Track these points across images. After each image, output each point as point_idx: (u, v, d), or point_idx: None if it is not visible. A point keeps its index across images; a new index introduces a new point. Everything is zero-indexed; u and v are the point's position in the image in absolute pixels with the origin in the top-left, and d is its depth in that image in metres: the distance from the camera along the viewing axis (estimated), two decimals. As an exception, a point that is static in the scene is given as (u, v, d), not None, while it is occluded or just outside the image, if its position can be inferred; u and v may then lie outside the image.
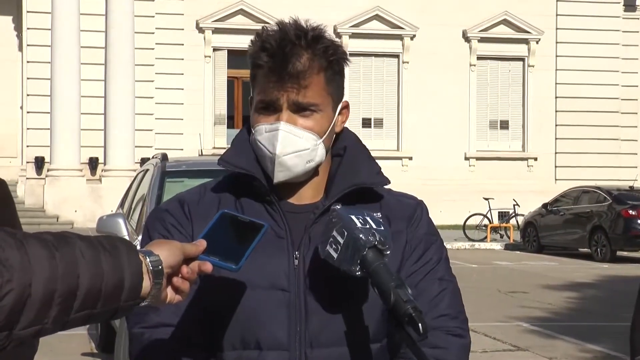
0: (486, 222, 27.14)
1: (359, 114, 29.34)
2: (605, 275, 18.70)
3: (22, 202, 26.52)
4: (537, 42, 31.37)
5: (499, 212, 28.10)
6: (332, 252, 1.86)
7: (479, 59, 31.06)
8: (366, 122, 30.05)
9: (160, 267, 1.64)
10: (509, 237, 26.45)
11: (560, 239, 23.65)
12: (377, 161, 2.15)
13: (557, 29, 31.39)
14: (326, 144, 2.06)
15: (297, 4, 28.22)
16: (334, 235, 1.86)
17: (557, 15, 31.42)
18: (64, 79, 26.77)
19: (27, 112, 27.62)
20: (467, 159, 30.92)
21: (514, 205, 27.33)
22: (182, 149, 27.35)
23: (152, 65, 28.17)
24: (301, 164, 2.02)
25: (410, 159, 30.34)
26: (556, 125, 31.51)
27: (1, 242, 1.46)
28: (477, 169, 30.88)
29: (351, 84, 28.19)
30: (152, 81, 28.21)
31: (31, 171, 27.46)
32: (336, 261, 1.86)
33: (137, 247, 1.66)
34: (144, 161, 19.95)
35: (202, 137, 26.66)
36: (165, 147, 24.69)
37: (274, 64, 1.98)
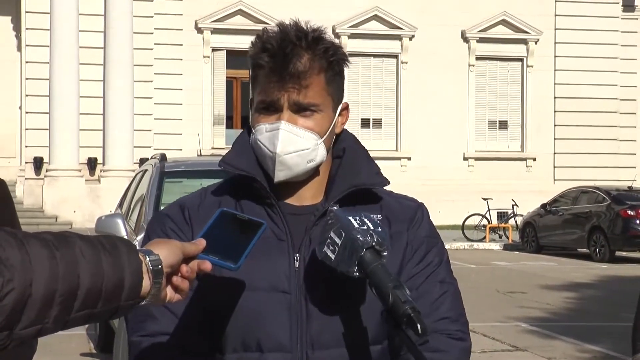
0: (485, 222, 27.14)
1: (357, 114, 29.33)
2: (604, 275, 18.70)
3: (21, 202, 26.51)
4: (535, 43, 31.37)
5: (498, 213, 28.10)
6: (329, 254, 1.85)
7: (478, 59, 31.06)
8: (365, 123, 30.04)
9: (159, 266, 1.64)
10: (508, 238, 26.44)
11: (559, 239, 23.64)
12: (376, 162, 2.15)
13: (555, 29, 31.39)
14: (327, 144, 2.06)
15: (296, 5, 28.22)
16: (331, 236, 1.85)
17: (555, 15, 31.43)
18: (62, 79, 26.76)
19: (26, 113, 27.61)
20: (466, 159, 30.91)
21: (513, 205, 27.31)
22: (180, 149, 27.34)
23: (151, 65, 28.16)
24: (302, 163, 2.03)
25: (409, 159, 30.33)
26: (555, 125, 31.51)
27: (2, 242, 1.46)
28: (476, 169, 30.87)
29: (350, 84, 28.16)
30: (151, 81, 28.20)
31: (30, 171, 27.44)
32: (333, 262, 1.85)
33: (137, 247, 1.67)
34: (142, 161, 19.92)
35: (201, 137, 26.66)
36: (164, 147, 24.69)
37: (275, 65, 1.99)
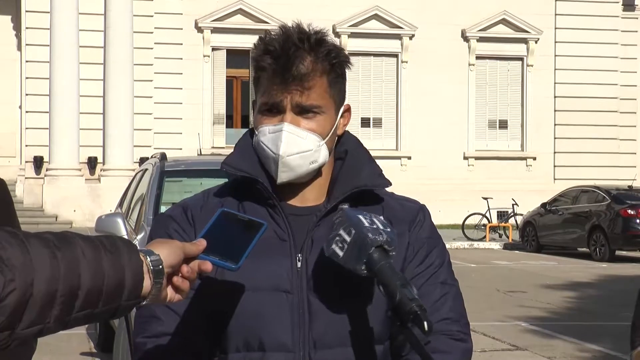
0: (485, 221, 27.14)
1: (357, 114, 29.32)
2: (604, 274, 18.70)
3: (21, 201, 26.50)
4: (536, 42, 31.36)
5: (498, 212, 28.10)
6: (337, 251, 1.87)
7: (478, 58, 31.05)
8: (365, 122, 30.03)
9: (160, 266, 1.65)
10: (508, 237, 26.44)
11: (559, 238, 23.64)
12: (376, 162, 2.16)
13: (556, 28, 31.39)
14: (329, 145, 2.08)
15: (296, 4, 28.23)
16: (341, 233, 1.86)
17: (556, 14, 31.42)
18: (62, 78, 26.76)
19: (26, 112, 27.60)
20: (466, 158, 30.91)
21: (513, 204, 27.32)
22: (180, 149, 27.34)
23: (151, 64, 28.15)
24: (305, 164, 2.04)
25: (409, 158, 30.33)
26: (555, 124, 31.51)
27: (3, 242, 1.47)
28: (476, 168, 30.87)
29: (350, 84, 27.86)
30: (151, 81, 28.20)
31: (30, 171, 27.44)
32: (341, 259, 1.86)
33: (138, 247, 1.67)
34: (142, 161, 19.94)
35: (201, 136, 26.66)
36: (164, 146, 24.69)
37: (278, 67, 2.00)
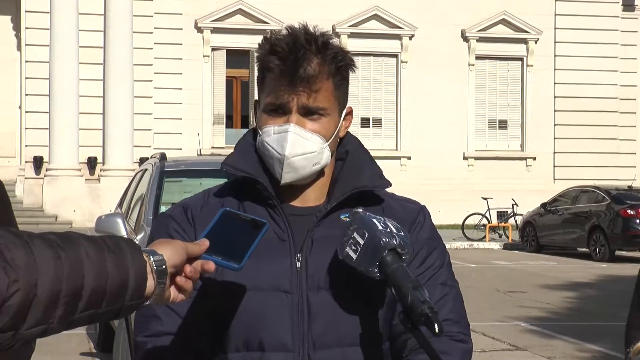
0: (485, 221, 27.14)
1: (357, 114, 29.29)
2: (603, 274, 18.70)
3: (21, 201, 26.50)
4: (535, 42, 31.36)
5: (498, 212, 28.10)
6: (351, 253, 1.88)
7: (478, 58, 31.05)
8: (365, 122, 30.04)
9: (163, 266, 1.65)
10: (508, 237, 26.45)
11: (558, 238, 23.64)
12: (376, 162, 2.17)
13: (555, 28, 31.39)
14: (331, 147, 2.09)
15: (296, 4, 28.23)
16: (354, 237, 1.88)
17: (555, 15, 31.42)
18: (62, 78, 26.76)
19: (26, 112, 27.60)
20: (465, 158, 30.90)
21: (513, 204, 27.32)
22: (180, 149, 27.34)
23: (151, 65, 28.15)
24: (308, 166, 2.05)
25: (409, 158, 30.32)
26: (555, 124, 31.51)
27: (7, 243, 1.47)
28: (475, 168, 30.87)
29: (350, 84, 28.00)
30: (151, 81, 28.20)
31: (30, 171, 27.43)
32: (355, 262, 1.88)
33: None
34: (142, 161, 19.94)
35: (201, 136, 26.64)
36: (163, 146, 24.70)
37: (286, 68, 2.00)
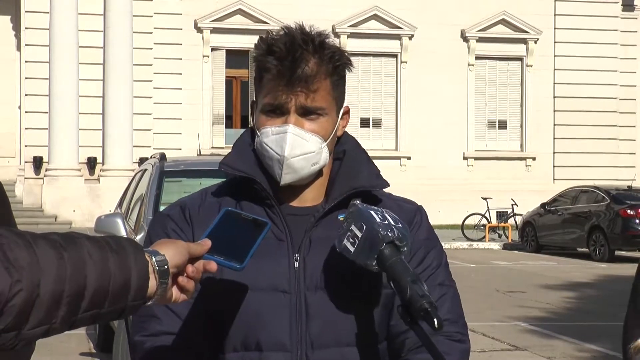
0: (484, 221, 27.14)
1: (357, 114, 29.31)
2: (603, 274, 18.70)
3: (21, 202, 26.49)
4: (535, 42, 31.36)
5: (498, 212, 28.09)
6: (349, 246, 1.86)
7: (478, 58, 31.05)
8: (364, 122, 30.03)
9: (166, 267, 1.66)
10: (508, 237, 26.45)
11: (558, 238, 23.64)
12: (375, 162, 2.17)
13: (555, 28, 31.38)
14: (330, 147, 2.09)
15: (296, 4, 28.24)
16: (352, 229, 1.86)
17: (555, 15, 31.42)
18: (62, 78, 26.75)
19: (26, 112, 27.60)
20: (465, 158, 30.90)
21: (513, 205, 27.32)
22: (180, 149, 27.33)
23: (151, 65, 28.15)
24: (307, 166, 2.05)
25: (408, 158, 30.32)
26: (554, 125, 31.50)
27: (10, 243, 1.47)
28: (475, 168, 30.87)
29: (349, 84, 27.86)
30: (151, 81, 28.19)
31: (29, 171, 27.43)
32: (352, 255, 1.86)
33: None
34: (142, 161, 19.94)
35: (201, 136, 26.64)
36: (163, 146, 24.69)
37: (283, 68, 2.00)
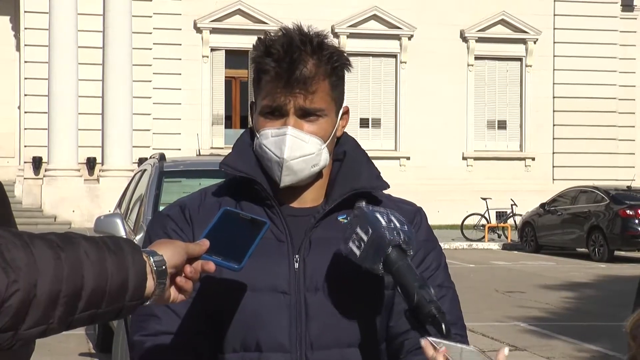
0: (484, 222, 27.13)
1: (356, 114, 29.30)
2: (602, 275, 18.70)
3: (20, 202, 26.48)
4: (534, 42, 31.37)
5: (497, 212, 28.09)
6: (354, 250, 1.83)
7: (477, 58, 31.05)
8: (364, 122, 30.03)
9: (163, 267, 1.65)
10: (507, 237, 26.44)
11: (557, 238, 23.64)
12: (375, 162, 2.16)
13: (554, 28, 31.39)
14: (329, 148, 2.08)
15: (295, 5, 28.23)
16: (358, 232, 1.83)
17: (554, 15, 31.42)
18: (61, 78, 26.74)
19: (25, 112, 27.60)
20: (464, 158, 30.91)
21: (512, 205, 27.31)
22: (179, 149, 27.34)
23: (150, 65, 28.14)
24: (307, 168, 2.04)
25: (408, 159, 30.32)
26: (554, 125, 31.51)
27: (7, 243, 1.47)
28: (474, 168, 30.87)
29: (348, 84, 27.92)
30: (150, 81, 28.19)
31: (29, 171, 27.42)
32: (359, 259, 1.83)
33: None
34: (141, 161, 19.93)
35: (200, 137, 26.65)
36: (162, 147, 24.69)
37: (281, 70, 1.99)
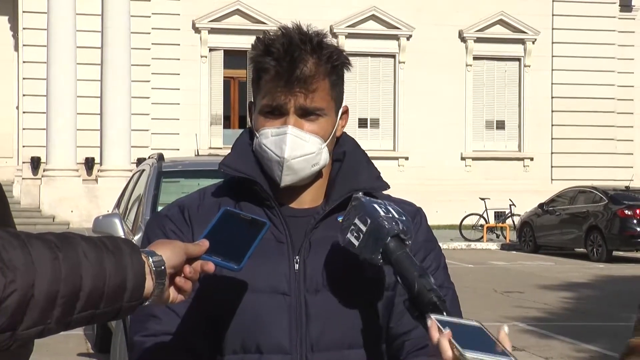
0: (482, 222, 27.14)
1: (355, 114, 29.29)
2: (601, 275, 18.71)
3: (18, 202, 26.46)
4: (533, 42, 31.38)
5: (495, 212, 28.10)
6: (353, 240, 1.83)
7: (475, 59, 31.07)
8: (362, 122, 30.04)
9: (162, 267, 1.65)
10: (505, 237, 26.46)
11: (556, 239, 23.65)
12: (373, 162, 2.16)
13: (553, 29, 31.41)
14: (329, 147, 2.07)
15: (294, 5, 28.23)
16: (356, 222, 1.83)
17: (553, 15, 31.44)
18: (60, 79, 26.73)
19: (23, 112, 27.59)
20: (463, 159, 30.92)
21: (510, 205, 27.32)
22: (178, 149, 27.33)
23: (148, 65, 28.14)
24: (307, 167, 2.03)
25: (406, 159, 30.33)
26: (552, 125, 31.53)
27: (5, 243, 1.47)
28: (473, 169, 30.89)
29: (347, 84, 27.76)
30: (148, 81, 28.19)
31: (27, 171, 27.41)
32: (357, 249, 1.83)
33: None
34: (140, 161, 19.94)
35: (198, 137, 26.63)
36: (161, 147, 24.67)
37: (281, 69, 1.99)
